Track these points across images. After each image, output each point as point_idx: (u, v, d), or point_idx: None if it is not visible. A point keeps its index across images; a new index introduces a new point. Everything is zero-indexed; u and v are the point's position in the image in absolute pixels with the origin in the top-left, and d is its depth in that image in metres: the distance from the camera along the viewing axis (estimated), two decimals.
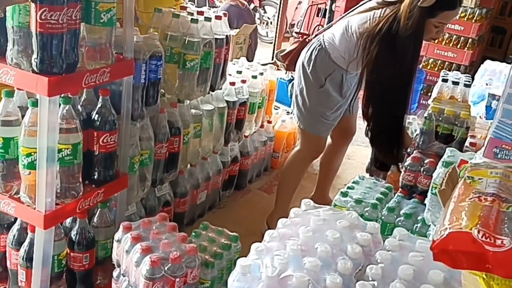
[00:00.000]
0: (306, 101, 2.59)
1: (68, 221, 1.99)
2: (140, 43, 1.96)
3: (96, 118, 1.82)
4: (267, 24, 8.27)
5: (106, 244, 2.03)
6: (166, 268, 1.59)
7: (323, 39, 2.52)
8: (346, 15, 2.60)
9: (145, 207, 2.39)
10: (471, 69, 5.36)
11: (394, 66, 2.28)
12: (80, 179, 1.81)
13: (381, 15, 2.29)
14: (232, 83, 2.87)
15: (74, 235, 1.91)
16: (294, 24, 7.98)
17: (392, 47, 2.25)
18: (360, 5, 2.53)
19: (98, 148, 1.85)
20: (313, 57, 2.52)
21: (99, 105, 1.83)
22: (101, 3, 1.68)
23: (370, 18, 2.32)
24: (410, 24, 2.18)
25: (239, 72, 3.09)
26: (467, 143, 2.26)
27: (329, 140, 3.01)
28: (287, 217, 1.50)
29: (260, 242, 1.41)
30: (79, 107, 1.84)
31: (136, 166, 2.13)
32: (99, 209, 2.00)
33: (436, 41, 5.43)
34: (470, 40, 5.35)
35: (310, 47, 2.57)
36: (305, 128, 2.68)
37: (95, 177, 1.90)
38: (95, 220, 2.02)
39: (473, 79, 3.68)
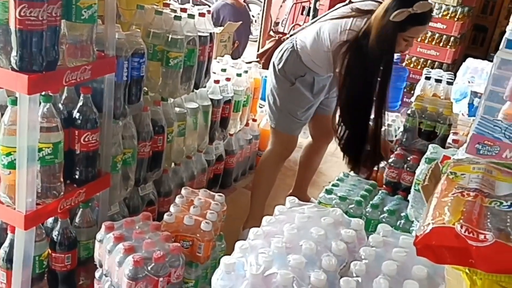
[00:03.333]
0: (277, 100, 2.62)
1: (49, 221, 1.96)
2: (122, 40, 1.94)
3: (77, 117, 1.80)
4: (252, 22, 8.26)
5: (89, 244, 2.00)
6: (149, 268, 1.58)
7: (296, 41, 2.55)
8: (319, 19, 2.62)
9: (128, 207, 2.37)
10: (454, 67, 5.41)
11: (364, 79, 2.32)
12: (61, 179, 1.78)
13: (352, 25, 2.32)
14: (217, 81, 2.85)
15: (55, 236, 1.88)
16: (278, 22, 7.98)
17: (362, 58, 2.28)
18: (334, 10, 2.55)
19: (80, 147, 1.82)
20: (284, 57, 2.54)
21: (80, 103, 1.80)
22: None
23: (342, 27, 2.34)
24: (381, 37, 2.21)
25: (224, 70, 3.08)
26: (449, 140, 2.28)
27: (309, 139, 3.02)
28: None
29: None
30: (60, 105, 1.81)
31: (118, 165, 2.10)
32: (81, 209, 1.97)
33: (419, 39, 5.48)
34: (452, 38, 5.41)
35: (282, 48, 2.61)
36: (276, 127, 2.70)
37: (77, 176, 1.87)
38: (77, 220, 1.99)
39: (455, 76, 3.72)
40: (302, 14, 6.71)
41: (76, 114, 1.80)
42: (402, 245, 1.33)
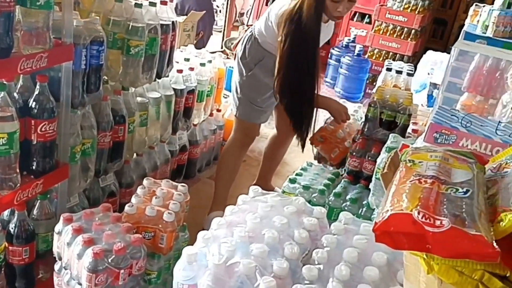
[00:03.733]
0: (238, 88, 2.64)
1: (5, 213, 1.90)
2: (80, 27, 1.88)
3: (33, 106, 1.74)
4: (216, 12, 8.19)
5: (47, 237, 1.95)
6: (109, 260, 1.55)
7: (254, 28, 2.59)
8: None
9: (88, 198, 2.31)
10: (414, 59, 5.53)
11: (301, 45, 2.34)
12: (18, 170, 1.72)
13: None
14: (180, 71, 2.81)
15: (12, 228, 1.82)
16: (243, 13, 7.94)
17: (299, 28, 2.31)
18: None
19: (36, 137, 1.76)
20: (244, 45, 2.57)
21: (36, 92, 1.74)
22: None
23: (286, 4, 2.38)
24: (312, 3, 2.27)
25: (187, 60, 3.04)
26: (409, 130, 2.33)
27: (274, 131, 3.02)
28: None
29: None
30: (15, 94, 1.74)
31: (77, 156, 2.05)
32: (39, 201, 1.92)
33: (380, 32, 5.57)
34: (413, 31, 5.52)
35: (243, 37, 2.64)
36: (238, 115, 2.71)
37: (34, 167, 1.82)
38: (35, 212, 1.94)
39: (415, 68, 3.79)
40: (267, 5, 6.71)
41: (32, 103, 1.74)
42: (363, 232, 1.35)
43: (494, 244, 0.85)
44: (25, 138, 1.75)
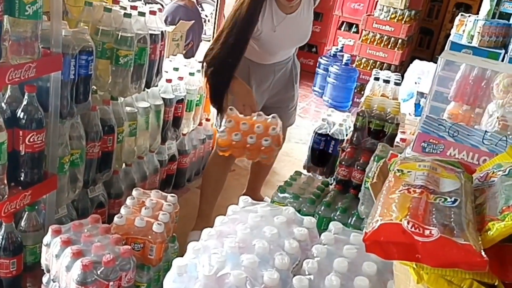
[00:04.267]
0: None
1: None
2: (69, 37, 1.87)
3: (21, 116, 1.73)
4: (204, 21, 8.21)
5: (35, 249, 1.93)
6: (98, 272, 1.53)
7: None
8: None
9: (77, 209, 2.30)
10: (401, 68, 5.59)
11: (243, 24, 2.31)
12: (5, 181, 1.70)
13: None
14: (169, 80, 2.81)
15: None
16: None
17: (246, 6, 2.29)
18: None
19: (24, 147, 1.75)
20: None
21: (24, 102, 1.73)
22: None
23: None
24: None
25: (176, 69, 3.04)
26: (397, 139, 2.35)
27: None
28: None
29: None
30: (2, 104, 1.73)
31: (66, 167, 2.03)
32: (27, 212, 1.90)
33: (368, 41, 5.62)
34: (400, 40, 5.58)
35: None
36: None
37: (22, 178, 1.80)
38: (22, 224, 1.92)
39: (403, 78, 3.83)
40: None
41: (20, 113, 1.73)
42: (353, 242, 1.36)
43: (483, 253, 0.86)
44: (13, 149, 1.74)
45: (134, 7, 2.30)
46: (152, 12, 2.34)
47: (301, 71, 2.87)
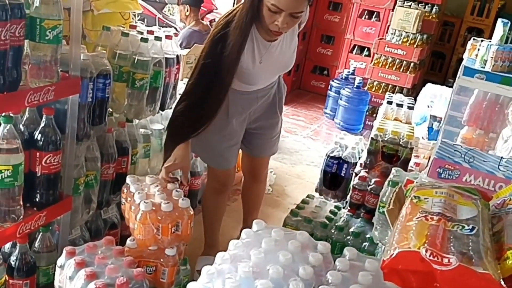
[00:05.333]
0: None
1: (7, 246, 1.89)
2: (87, 61, 1.91)
3: (39, 138, 1.75)
4: None
5: (48, 270, 1.93)
6: None
7: None
8: None
9: (90, 230, 2.30)
10: (413, 92, 5.58)
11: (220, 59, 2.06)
12: (21, 202, 1.72)
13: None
14: None
15: (13, 261, 1.81)
16: None
17: (225, 36, 2.04)
18: None
19: (41, 169, 1.77)
20: None
21: (42, 125, 1.76)
22: (47, 20, 1.62)
23: None
24: (246, 9, 2.00)
25: None
26: (411, 163, 2.34)
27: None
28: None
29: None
30: (20, 126, 1.76)
31: (81, 188, 2.05)
32: (41, 233, 1.91)
33: (379, 64, 5.65)
34: (412, 64, 5.59)
35: None
36: (203, 160, 2.56)
37: (37, 199, 1.82)
38: (36, 244, 1.93)
39: (415, 101, 3.84)
40: None
41: (37, 135, 1.75)
42: (368, 268, 1.34)
43: (502, 282, 0.85)
44: (29, 170, 1.76)
45: (150, 32, 2.35)
46: (168, 37, 2.38)
47: (287, 95, 2.61)
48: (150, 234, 1.76)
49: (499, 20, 4.04)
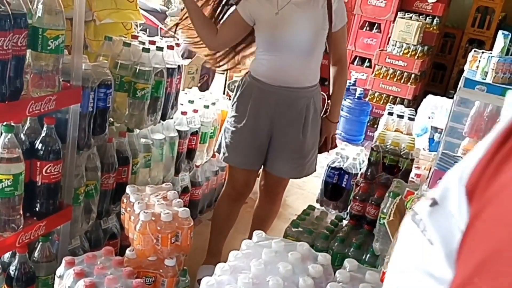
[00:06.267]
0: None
1: (6, 255, 1.88)
2: (88, 71, 1.92)
3: (39, 148, 1.75)
4: None
5: (48, 280, 1.92)
6: None
7: None
8: None
9: (89, 240, 2.29)
10: (414, 103, 5.59)
11: None
12: (21, 211, 1.71)
13: None
14: (184, 113, 2.85)
15: (12, 271, 1.80)
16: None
17: None
18: None
19: (41, 178, 1.77)
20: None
21: (43, 134, 1.76)
22: (49, 30, 1.63)
23: None
24: None
25: (191, 102, 3.08)
26: (412, 174, 2.34)
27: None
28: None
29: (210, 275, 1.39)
30: (21, 135, 1.76)
31: (81, 198, 2.05)
32: (41, 243, 1.90)
33: (380, 75, 5.67)
34: (413, 75, 5.61)
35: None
36: (224, 159, 2.46)
37: (37, 209, 1.81)
38: (36, 254, 1.92)
39: (416, 112, 3.84)
40: None
41: (38, 145, 1.75)
42: (368, 280, 1.34)
43: None
44: (30, 180, 1.76)
45: (152, 42, 2.36)
46: (170, 47, 2.39)
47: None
48: (150, 244, 1.75)
49: (500, 32, 4.06)
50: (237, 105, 2.36)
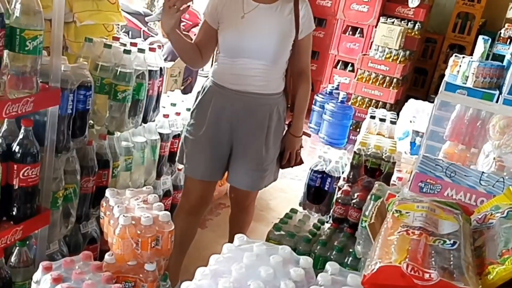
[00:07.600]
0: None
1: None
2: (68, 72, 1.89)
3: (17, 150, 1.71)
4: None
5: (25, 285, 1.88)
6: None
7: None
8: None
9: (68, 245, 2.25)
10: (396, 107, 5.64)
11: None
12: None
13: None
14: (166, 116, 2.82)
15: None
16: None
17: None
18: None
19: (18, 182, 1.73)
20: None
21: (20, 136, 1.73)
22: (27, 30, 1.60)
23: None
24: None
25: (173, 105, 3.06)
26: (394, 177, 2.34)
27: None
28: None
29: (191, 280, 1.37)
30: None
31: (59, 201, 2.01)
32: (17, 248, 1.86)
33: (363, 80, 5.72)
34: (395, 80, 5.66)
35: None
36: (179, 161, 2.41)
37: (14, 213, 1.78)
38: (12, 259, 1.87)
39: (398, 116, 3.87)
40: None
41: (15, 147, 1.72)
42: (350, 284, 1.33)
43: None
44: (6, 183, 1.72)
45: (133, 44, 2.34)
46: (152, 49, 2.37)
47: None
48: (129, 248, 1.72)
49: (480, 37, 4.13)
50: (196, 112, 2.29)
